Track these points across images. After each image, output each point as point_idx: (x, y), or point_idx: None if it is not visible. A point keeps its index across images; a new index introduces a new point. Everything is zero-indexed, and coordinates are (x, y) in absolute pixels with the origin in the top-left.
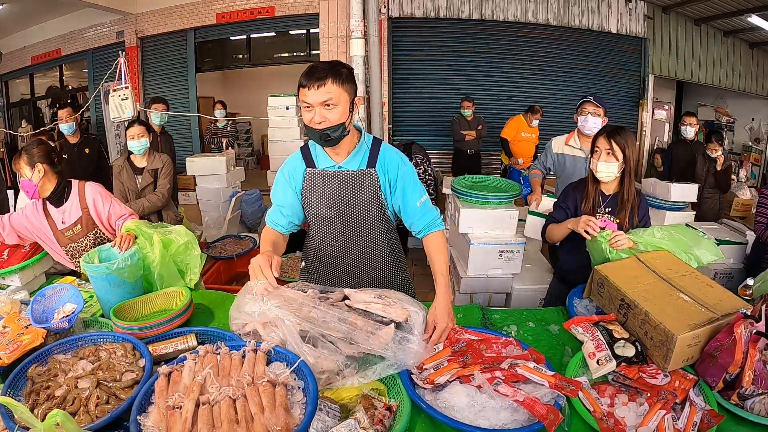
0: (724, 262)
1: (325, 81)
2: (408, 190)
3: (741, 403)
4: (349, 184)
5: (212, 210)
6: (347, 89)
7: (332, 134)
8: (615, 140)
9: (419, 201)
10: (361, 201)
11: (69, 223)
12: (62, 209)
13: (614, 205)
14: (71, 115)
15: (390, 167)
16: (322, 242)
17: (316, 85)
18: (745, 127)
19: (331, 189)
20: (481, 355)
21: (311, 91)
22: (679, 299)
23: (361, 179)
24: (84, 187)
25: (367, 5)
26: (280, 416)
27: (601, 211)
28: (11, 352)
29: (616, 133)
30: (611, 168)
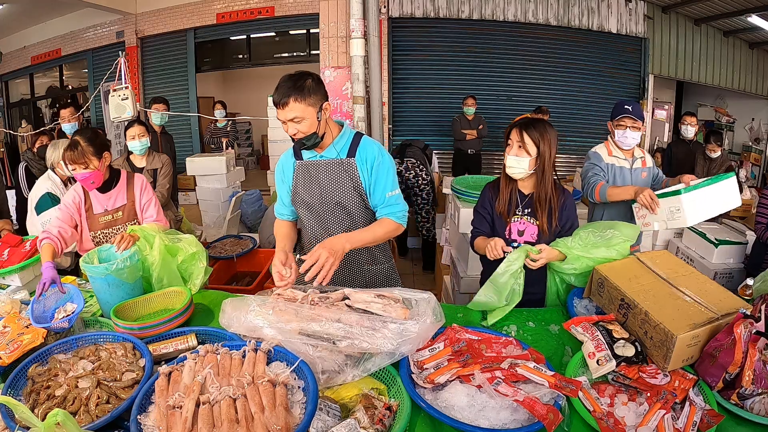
0: (724, 262)
1: (288, 101)
2: (381, 179)
3: (741, 402)
4: (329, 171)
5: (212, 210)
6: (311, 102)
7: (307, 142)
8: (528, 133)
9: (390, 192)
10: (341, 187)
11: (111, 209)
12: (108, 195)
13: (532, 206)
14: (74, 114)
15: (368, 156)
16: (310, 230)
17: (281, 105)
18: (745, 127)
19: (315, 177)
20: (481, 355)
21: (279, 110)
22: (679, 299)
23: (341, 167)
24: (133, 178)
25: (367, 5)
26: (280, 416)
27: (519, 212)
28: (11, 351)
29: (530, 126)
30: (522, 163)
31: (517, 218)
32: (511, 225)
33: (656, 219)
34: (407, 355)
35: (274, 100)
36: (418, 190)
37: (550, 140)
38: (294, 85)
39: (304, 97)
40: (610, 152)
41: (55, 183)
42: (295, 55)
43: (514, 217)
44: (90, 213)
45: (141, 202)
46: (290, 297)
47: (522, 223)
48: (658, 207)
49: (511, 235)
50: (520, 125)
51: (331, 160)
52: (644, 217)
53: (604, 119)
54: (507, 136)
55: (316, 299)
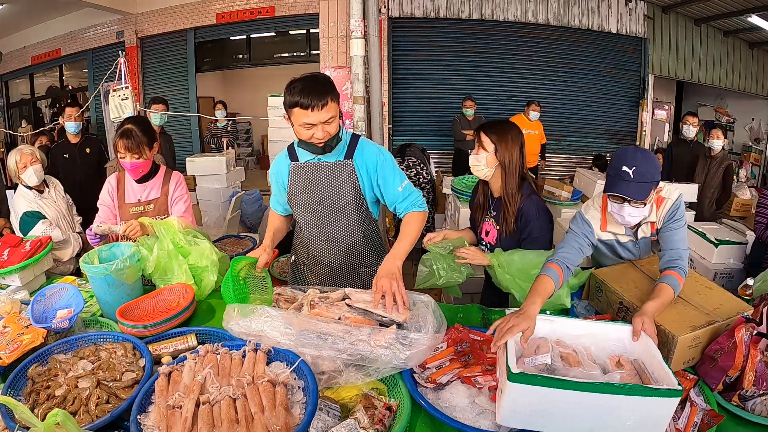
0: (724, 262)
1: (326, 102)
2: (389, 177)
3: (742, 404)
4: (327, 173)
5: (212, 210)
6: (338, 101)
7: (333, 144)
8: (486, 132)
9: (401, 186)
10: (338, 189)
11: (144, 200)
12: (143, 186)
13: (498, 209)
14: (78, 113)
15: (368, 158)
16: (307, 231)
17: (319, 106)
18: (745, 127)
19: (312, 179)
20: (483, 356)
21: (314, 112)
22: (679, 303)
23: (339, 169)
24: (171, 173)
25: (367, 5)
26: (280, 416)
27: (489, 214)
28: (11, 351)
29: (488, 126)
30: (480, 160)
31: (486, 219)
32: (483, 225)
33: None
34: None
35: (304, 103)
36: (419, 188)
37: (509, 140)
38: (326, 84)
39: (335, 97)
40: (605, 225)
41: (28, 198)
42: (295, 55)
43: (484, 218)
44: (122, 202)
45: (173, 197)
46: (290, 297)
47: (489, 224)
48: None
49: (482, 234)
50: (480, 126)
51: (329, 163)
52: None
53: (604, 119)
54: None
55: (316, 299)
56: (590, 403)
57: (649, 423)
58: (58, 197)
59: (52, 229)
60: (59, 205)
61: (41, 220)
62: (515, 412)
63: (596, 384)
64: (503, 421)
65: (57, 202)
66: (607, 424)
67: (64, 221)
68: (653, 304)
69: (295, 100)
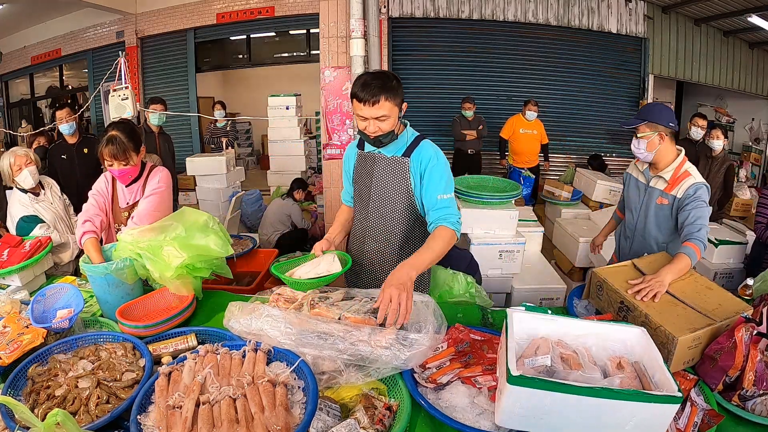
0: (724, 262)
1: (378, 99)
2: (434, 180)
3: (742, 404)
4: (384, 166)
5: (212, 210)
6: (397, 102)
7: (384, 140)
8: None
9: (441, 195)
10: (391, 184)
11: (130, 204)
12: (131, 189)
13: None
14: (70, 114)
15: (423, 158)
16: (357, 220)
17: (370, 102)
18: (745, 127)
19: (369, 169)
20: (483, 356)
21: (366, 107)
22: (679, 305)
23: (395, 164)
24: (154, 172)
25: (367, 5)
26: (280, 416)
27: None
28: (11, 351)
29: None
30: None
31: None
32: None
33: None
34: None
35: (360, 96)
36: None
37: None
38: (384, 84)
39: (394, 96)
40: (637, 159)
41: (23, 203)
42: (295, 55)
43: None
44: (115, 204)
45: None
46: (290, 297)
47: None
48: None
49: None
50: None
51: (387, 157)
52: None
53: (604, 119)
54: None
55: (317, 299)
56: (589, 406)
57: (647, 427)
58: (54, 198)
59: (50, 233)
60: (56, 207)
61: (38, 225)
62: (514, 413)
63: (595, 389)
64: (502, 422)
65: (54, 204)
66: (605, 428)
67: (62, 223)
68: (669, 268)
69: (354, 92)
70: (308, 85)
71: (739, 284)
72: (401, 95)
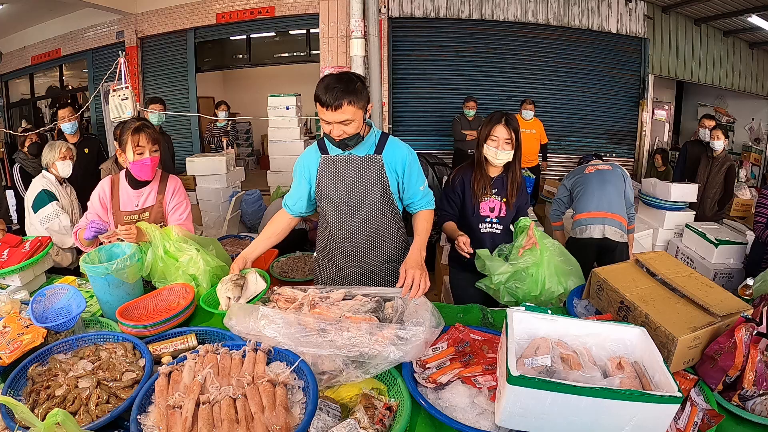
0: (724, 262)
1: (341, 104)
2: (414, 176)
3: (742, 404)
4: (356, 167)
5: (212, 210)
6: (361, 105)
7: (349, 142)
8: (513, 128)
9: (422, 186)
10: (366, 182)
11: (140, 208)
12: (140, 192)
13: (500, 186)
14: (72, 114)
15: (399, 156)
16: (333, 225)
17: (333, 107)
18: (745, 127)
19: (341, 172)
20: (483, 356)
21: (329, 112)
22: (679, 303)
23: (368, 163)
24: (167, 178)
25: (367, 5)
26: (280, 416)
27: (490, 192)
28: (11, 351)
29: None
30: (509, 155)
31: (487, 198)
32: (484, 203)
33: None
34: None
35: (323, 100)
36: None
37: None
38: (347, 88)
39: (357, 100)
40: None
41: (50, 181)
42: (295, 55)
43: (485, 197)
44: (116, 209)
45: (170, 204)
46: (290, 297)
47: (492, 201)
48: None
49: (482, 212)
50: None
51: (359, 156)
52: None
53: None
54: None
55: (317, 299)
56: (589, 406)
57: (647, 428)
58: (72, 196)
59: (62, 213)
60: (72, 200)
61: (55, 201)
62: (514, 413)
63: (595, 389)
64: (502, 422)
65: (70, 198)
66: (605, 428)
67: (73, 214)
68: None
69: (317, 95)
70: (308, 85)
71: (739, 284)
72: (366, 97)
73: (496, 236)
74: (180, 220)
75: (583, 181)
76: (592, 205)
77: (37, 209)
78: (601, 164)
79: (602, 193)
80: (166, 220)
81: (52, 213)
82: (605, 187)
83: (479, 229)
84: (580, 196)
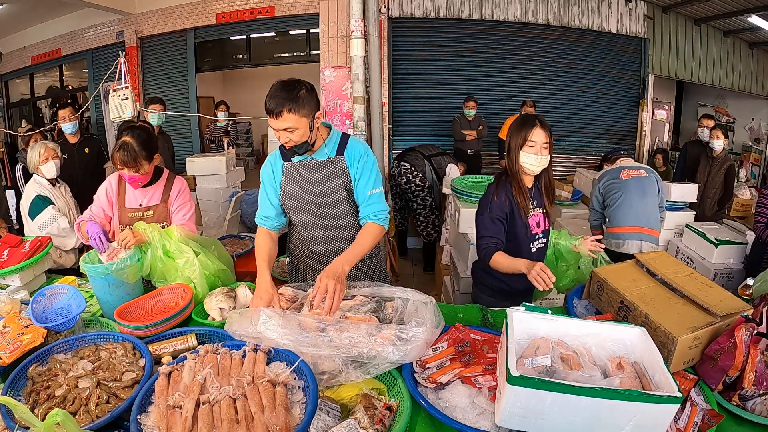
0: (724, 262)
1: (282, 111)
2: (365, 176)
3: (742, 404)
4: (320, 170)
5: (212, 210)
6: (305, 113)
7: (299, 150)
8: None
9: (371, 191)
10: (331, 185)
11: (144, 206)
12: (145, 191)
13: (538, 197)
14: (73, 113)
15: (354, 155)
16: (302, 230)
17: (274, 115)
18: (745, 127)
19: (306, 177)
20: (483, 356)
21: (272, 119)
22: (679, 303)
23: (331, 165)
24: (173, 179)
25: (367, 5)
26: (280, 416)
27: (532, 206)
28: (11, 351)
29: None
30: (547, 160)
31: (533, 211)
32: (531, 219)
33: None
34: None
35: (267, 108)
36: (411, 195)
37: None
38: (288, 95)
39: (298, 108)
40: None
41: (42, 185)
42: (295, 55)
43: (531, 211)
44: (121, 205)
45: (174, 204)
46: (291, 296)
47: (538, 214)
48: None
49: (532, 229)
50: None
51: (321, 160)
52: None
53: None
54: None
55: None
56: (589, 407)
57: (647, 428)
58: (67, 195)
59: (60, 216)
60: (67, 200)
61: (50, 206)
62: (514, 414)
63: (595, 389)
64: (502, 422)
65: (65, 197)
66: (605, 428)
67: (70, 213)
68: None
69: (265, 102)
70: None
71: (739, 284)
72: (311, 105)
73: (541, 252)
74: (183, 221)
75: (621, 188)
76: (631, 219)
77: (34, 216)
78: (636, 169)
79: (642, 206)
80: (169, 220)
81: (50, 218)
82: (645, 199)
83: (530, 249)
84: (617, 205)
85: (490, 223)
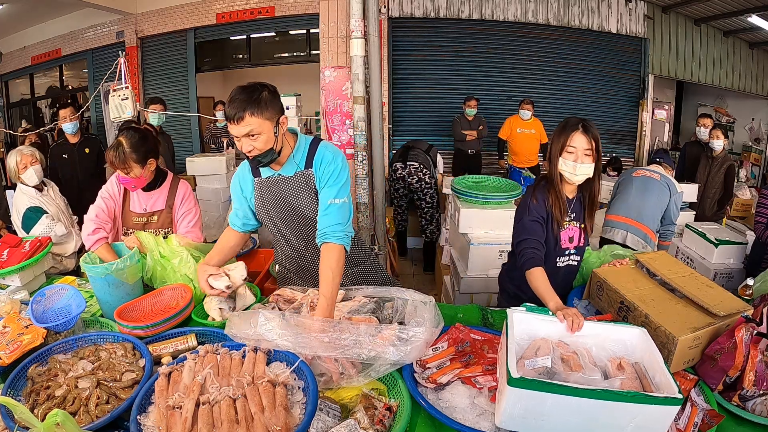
0: (724, 262)
1: (243, 115)
2: (329, 183)
3: (742, 404)
4: (289, 187)
5: (212, 210)
6: (268, 116)
7: (263, 159)
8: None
9: (332, 200)
10: (303, 201)
11: (149, 211)
12: (149, 195)
13: (578, 209)
14: (73, 113)
15: (322, 162)
16: (284, 245)
17: (235, 120)
18: (745, 127)
19: (275, 194)
20: (483, 356)
21: (232, 125)
22: (679, 303)
23: (300, 181)
24: (177, 183)
25: (367, 5)
26: (280, 416)
27: (568, 218)
28: (11, 352)
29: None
30: (591, 169)
31: (567, 225)
32: (563, 233)
33: None
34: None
35: (226, 114)
36: (421, 194)
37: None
38: (249, 98)
39: (260, 111)
40: None
41: (30, 195)
42: (295, 55)
43: (565, 225)
44: (126, 208)
45: (179, 211)
46: (290, 297)
47: (573, 228)
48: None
49: (563, 243)
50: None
51: (290, 176)
52: None
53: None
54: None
55: (316, 300)
56: (589, 408)
57: (648, 429)
58: (56, 196)
59: (55, 224)
60: (58, 203)
61: (44, 215)
62: (514, 415)
63: (596, 391)
64: (502, 423)
65: (56, 200)
66: (606, 429)
67: (64, 217)
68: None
69: (224, 109)
70: (308, 85)
71: (739, 284)
72: (274, 108)
73: (571, 269)
74: (188, 228)
75: (627, 183)
76: (622, 210)
77: (29, 230)
78: (651, 171)
79: (638, 201)
80: (174, 226)
81: (45, 228)
82: (644, 195)
83: (556, 263)
84: (617, 196)
85: (530, 223)
